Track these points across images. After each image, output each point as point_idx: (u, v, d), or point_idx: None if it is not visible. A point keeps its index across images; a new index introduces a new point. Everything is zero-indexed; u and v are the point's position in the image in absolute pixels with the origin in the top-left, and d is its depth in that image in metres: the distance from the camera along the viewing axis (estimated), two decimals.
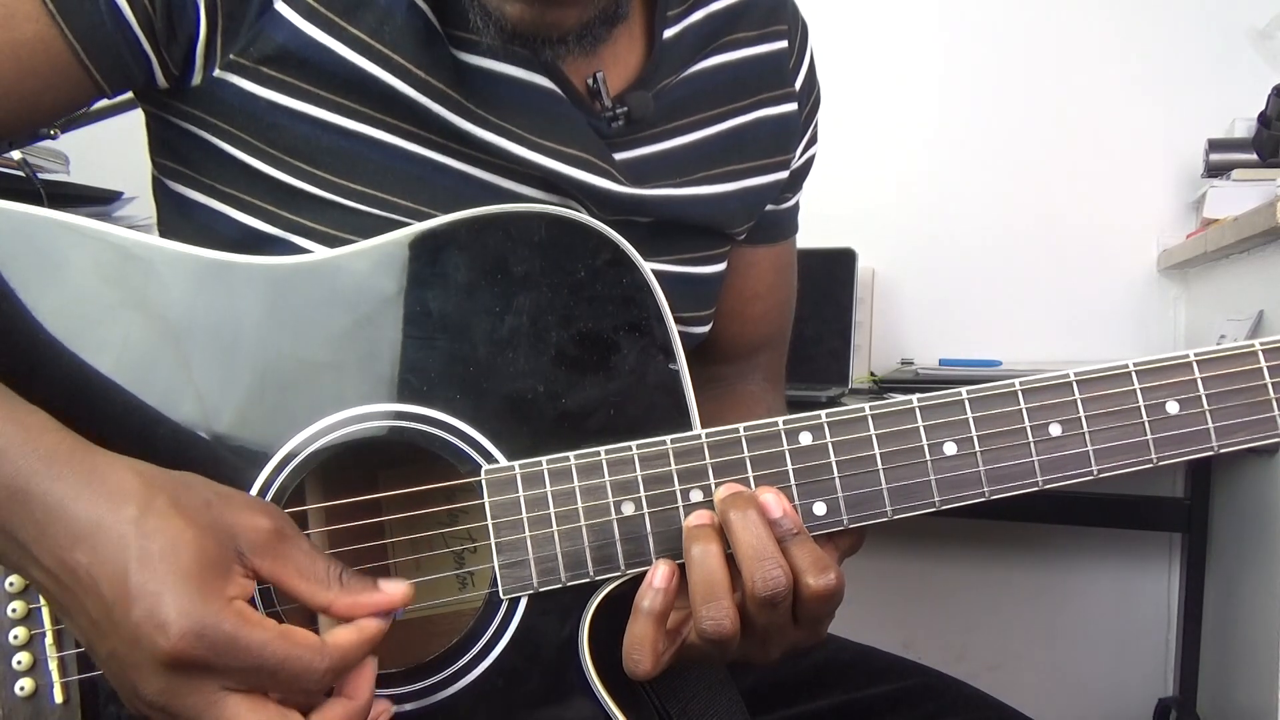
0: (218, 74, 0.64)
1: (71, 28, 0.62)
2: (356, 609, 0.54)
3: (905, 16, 1.97)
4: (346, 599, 0.54)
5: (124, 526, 0.49)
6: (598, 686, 0.59)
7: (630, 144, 0.74)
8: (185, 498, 0.51)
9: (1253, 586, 1.45)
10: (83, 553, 0.49)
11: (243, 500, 0.54)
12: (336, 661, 0.52)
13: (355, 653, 0.53)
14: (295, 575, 0.53)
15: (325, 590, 0.54)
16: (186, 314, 0.59)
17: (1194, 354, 0.60)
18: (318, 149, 0.66)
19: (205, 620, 0.48)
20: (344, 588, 0.54)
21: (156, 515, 0.50)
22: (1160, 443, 0.60)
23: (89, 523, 0.50)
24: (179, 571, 0.49)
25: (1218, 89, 1.80)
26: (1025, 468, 0.60)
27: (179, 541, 0.49)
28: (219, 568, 0.50)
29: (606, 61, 0.73)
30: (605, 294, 0.61)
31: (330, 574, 0.54)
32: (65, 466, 0.51)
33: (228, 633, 0.49)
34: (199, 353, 0.59)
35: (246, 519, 0.53)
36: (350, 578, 0.55)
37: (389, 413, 0.60)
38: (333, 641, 0.52)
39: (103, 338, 0.59)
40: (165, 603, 0.48)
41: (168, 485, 0.52)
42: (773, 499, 0.58)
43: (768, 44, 0.81)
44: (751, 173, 0.81)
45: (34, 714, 0.58)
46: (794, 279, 0.95)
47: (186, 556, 0.49)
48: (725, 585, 0.57)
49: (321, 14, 0.64)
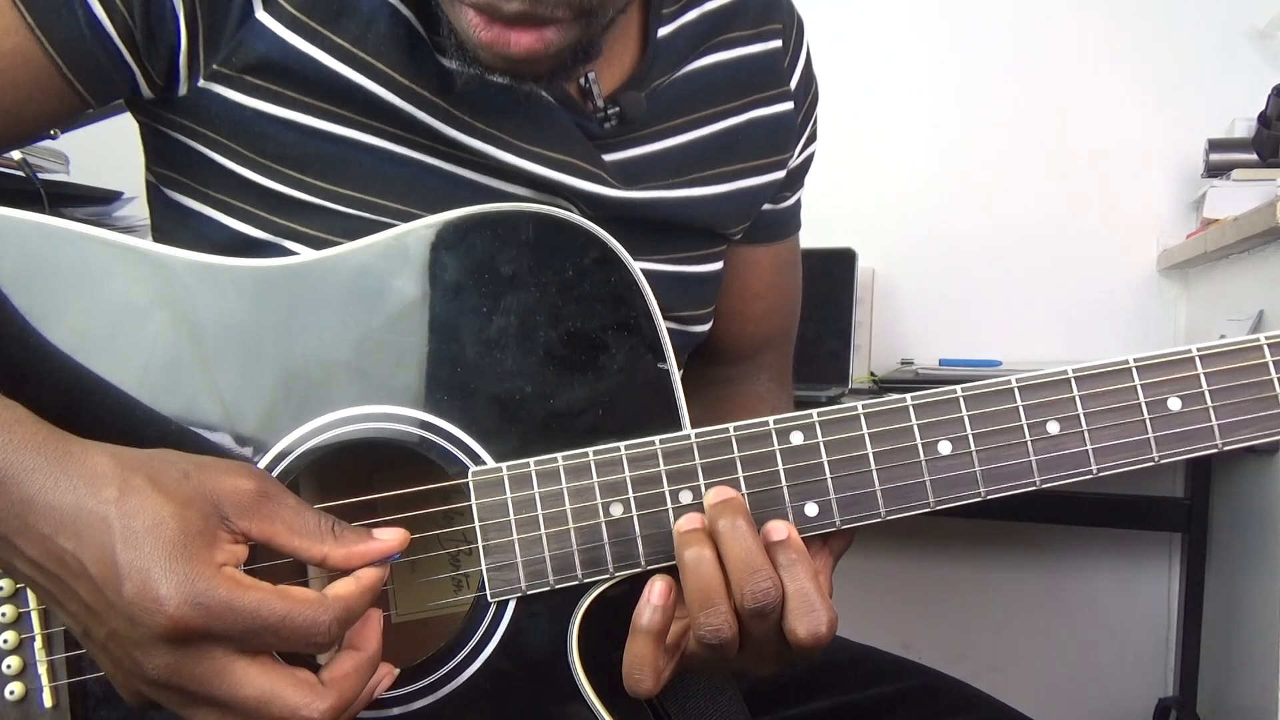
0: (202, 84, 0.64)
1: (51, 41, 0.61)
2: (353, 559, 0.54)
3: (905, 16, 1.97)
4: (341, 550, 0.54)
5: (105, 508, 0.49)
6: (587, 690, 0.59)
7: (623, 144, 0.74)
8: (162, 473, 0.51)
9: (1253, 586, 1.44)
10: (66, 539, 0.49)
11: (222, 465, 0.54)
12: (341, 612, 0.51)
13: (358, 602, 0.53)
14: (286, 532, 0.53)
15: (319, 543, 0.54)
16: (176, 316, 0.59)
17: (1196, 349, 0.58)
18: (305, 155, 0.65)
19: (197, 587, 0.48)
20: (337, 539, 0.54)
21: (135, 494, 0.50)
22: (1162, 440, 0.58)
23: (69, 508, 0.50)
24: (165, 545, 0.49)
25: (1218, 89, 1.80)
26: (1022, 467, 0.59)
27: (161, 516, 0.49)
28: (205, 536, 0.50)
29: (600, 62, 0.73)
30: (593, 293, 0.61)
31: (322, 527, 0.54)
32: (40, 456, 0.51)
33: (223, 598, 0.49)
34: (188, 355, 0.59)
35: (228, 482, 0.52)
36: (343, 529, 0.55)
37: (376, 414, 0.60)
38: (333, 593, 0.52)
39: (91, 339, 0.59)
40: (155, 577, 0.48)
41: (143, 463, 0.52)
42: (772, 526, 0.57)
43: (762, 43, 0.81)
44: (746, 173, 0.80)
45: (24, 718, 0.58)
46: (798, 278, 0.94)
47: (170, 529, 0.49)
48: (722, 591, 0.56)
49: (304, 22, 0.64)
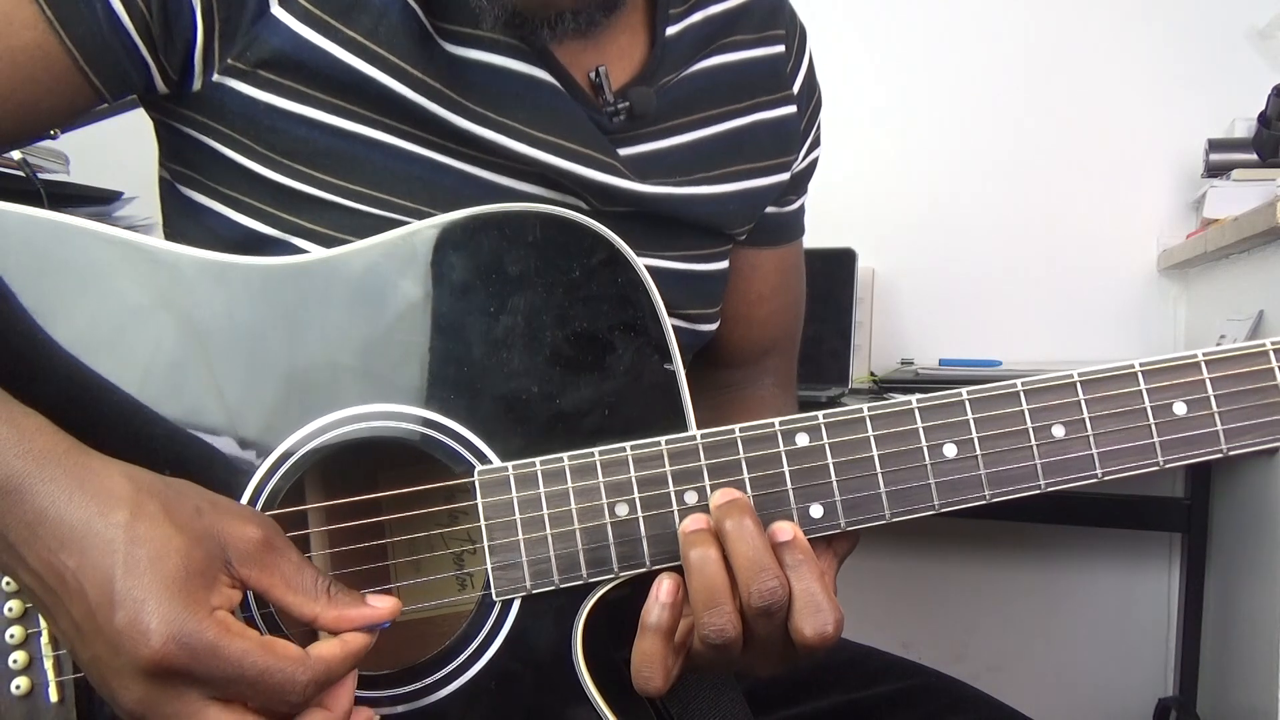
0: (216, 79, 0.65)
1: (69, 34, 0.62)
2: (342, 622, 0.54)
3: (904, 16, 1.97)
4: (333, 612, 0.54)
5: (113, 531, 0.49)
6: (591, 690, 0.59)
7: (632, 140, 0.74)
8: (176, 504, 0.51)
9: (1253, 586, 1.44)
10: (70, 556, 0.49)
11: (234, 509, 0.54)
12: (319, 674, 0.51)
13: (339, 666, 0.53)
14: (282, 585, 0.53)
15: (312, 602, 0.54)
16: (181, 315, 0.59)
17: (1202, 354, 0.59)
18: (316, 150, 0.66)
19: (186, 628, 0.48)
20: (331, 600, 0.54)
21: (147, 521, 0.50)
22: (1167, 445, 0.59)
23: (79, 526, 0.49)
24: (164, 579, 0.49)
25: (1218, 89, 1.80)
26: (1027, 470, 0.59)
27: (167, 548, 0.49)
28: (204, 576, 0.50)
29: (610, 56, 0.73)
30: (600, 293, 0.61)
31: (318, 586, 0.54)
32: (58, 468, 0.51)
33: (209, 641, 0.48)
34: (193, 353, 0.59)
35: (236, 528, 0.53)
36: (338, 591, 0.55)
37: (382, 413, 0.60)
38: (316, 654, 0.52)
39: (97, 337, 0.59)
40: (148, 610, 0.48)
41: (160, 491, 0.52)
42: (788, 526, 0.57)
43: (765, 48, 0.82)
44: (751, 174, 0.81)
45: (29, 713, 0.58)
46: (801, 282, 0.94)
47: (173, 564, 0.49)
48: (726, 591, 0.57)
49: (317, 16, 0.64)
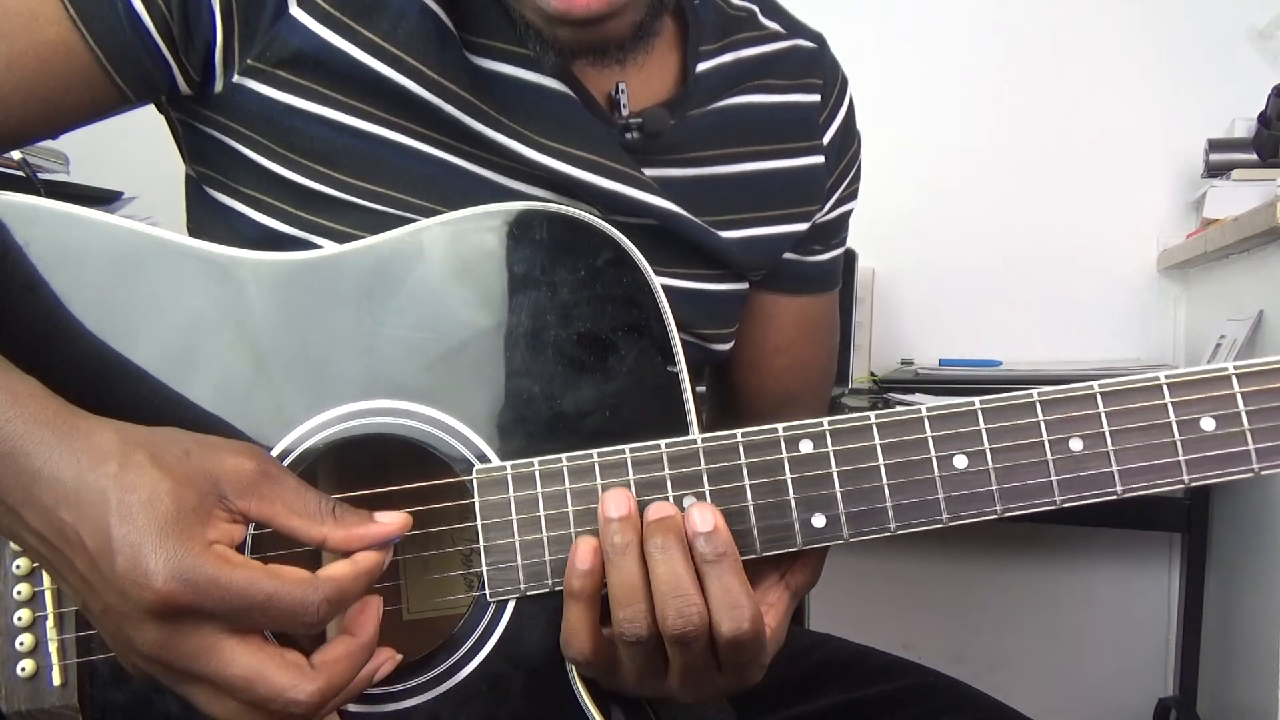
0: (237, 79, 0.65)
1: (92, 33, 0.62)
2: (352, 541, 0.54)
3: (904, 17, 1.97)
4: (341, 531, 0.54)
5: (104, 482, 0.50)
6: (582, 695, 0.59)
7: (647, 163, 0.73)
8: (164, 449, 0.52)
9: (1253, 586, 1.45)
10: (67, 511, 0.50)
11: (223, 445, 0.54)
12: (331, 593, 0.51)
13: (351, 585, 0.53)
14: (285, 512, 0.53)
15: (318, 524, 0.54)
16: (193, 308, 0.60)
17: (1233, 367, 0.55)
18: (333, 150, 0.66)
19: (185, 564, 0.49)
20: (338, 520, 0.54)
21: (135, 469, 0.50)
22: (1194, 464, 0.55)
23: (71, 481, 0.50)
24: (157, 521, 0.49)
25: (1218, 89, 1.80)
26: (1042, 486, 0.55)
27: (157, 491, 0.50)
28: (199, 513, 0.51)
29: (635, 84, 0.73)
30: (605, 294, 0.61)
31: (322, 508, 0.54)
32: (47, 430, 0.51)
33: (209, 574, 0.49)
34: (202, 347, 0.60)
35: (229, 461, 0.53)
36: (344, 511, 0.55)
37: (385, 409, 0.60)
38: (325, 574, 0.52)
39: (112, 326, 0.59)
40: (145, 552, 0.49)
41: (146, 440, 0.52)
42: (698, 516, 0.55)
43: (798, 94, 0.80)
44: (764, 221, 0.79)
45: (33, 694, 0.59)
46: (830, 339, 0.90)
47: (164, 506, 0.50)
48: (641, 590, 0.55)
49: (336, 18, 0.65)
